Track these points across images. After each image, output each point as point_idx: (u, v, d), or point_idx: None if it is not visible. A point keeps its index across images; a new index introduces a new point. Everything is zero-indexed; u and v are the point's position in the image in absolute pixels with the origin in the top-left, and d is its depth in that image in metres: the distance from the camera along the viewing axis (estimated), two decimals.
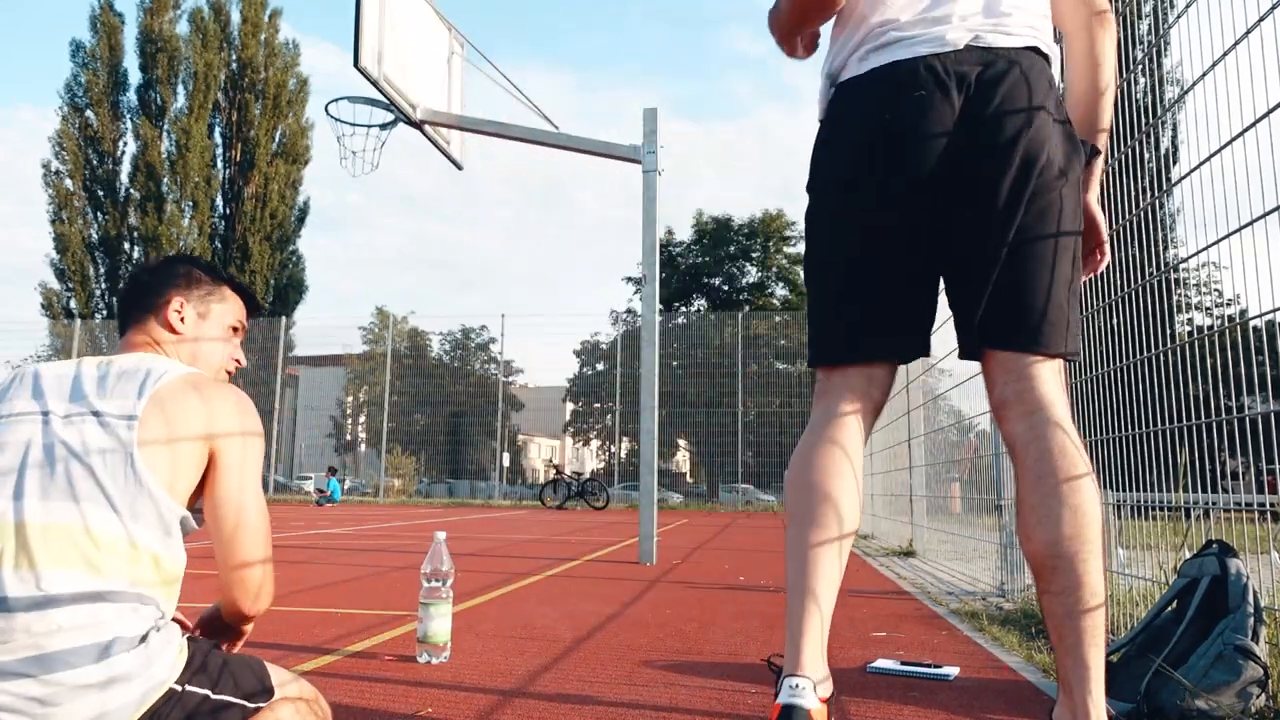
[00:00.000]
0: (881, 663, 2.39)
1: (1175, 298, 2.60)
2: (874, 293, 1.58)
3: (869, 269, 1.58)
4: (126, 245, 30.34)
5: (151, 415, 1.31)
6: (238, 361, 1.60)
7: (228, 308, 1.58)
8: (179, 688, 1.24)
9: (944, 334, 2.23)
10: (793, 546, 1.53)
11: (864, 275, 1.58)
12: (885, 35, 1.56)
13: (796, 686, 1.42)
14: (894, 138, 1.52)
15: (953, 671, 2.28)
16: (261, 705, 1.34)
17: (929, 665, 2.35)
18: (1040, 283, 1.51)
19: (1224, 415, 2.05)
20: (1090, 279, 2.15)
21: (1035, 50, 1.54)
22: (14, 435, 1.27)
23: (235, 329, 1.59)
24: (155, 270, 1.54)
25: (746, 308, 34.08)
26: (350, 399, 37.37)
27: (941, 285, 1.66)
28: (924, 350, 1.64)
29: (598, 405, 33.76)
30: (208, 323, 1.54)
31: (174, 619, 1.35)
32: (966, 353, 1.61)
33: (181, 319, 1.50)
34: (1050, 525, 1.42)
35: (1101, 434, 2.76)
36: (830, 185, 1.62)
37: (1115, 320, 2.62)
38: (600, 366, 33.46)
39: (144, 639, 1.21)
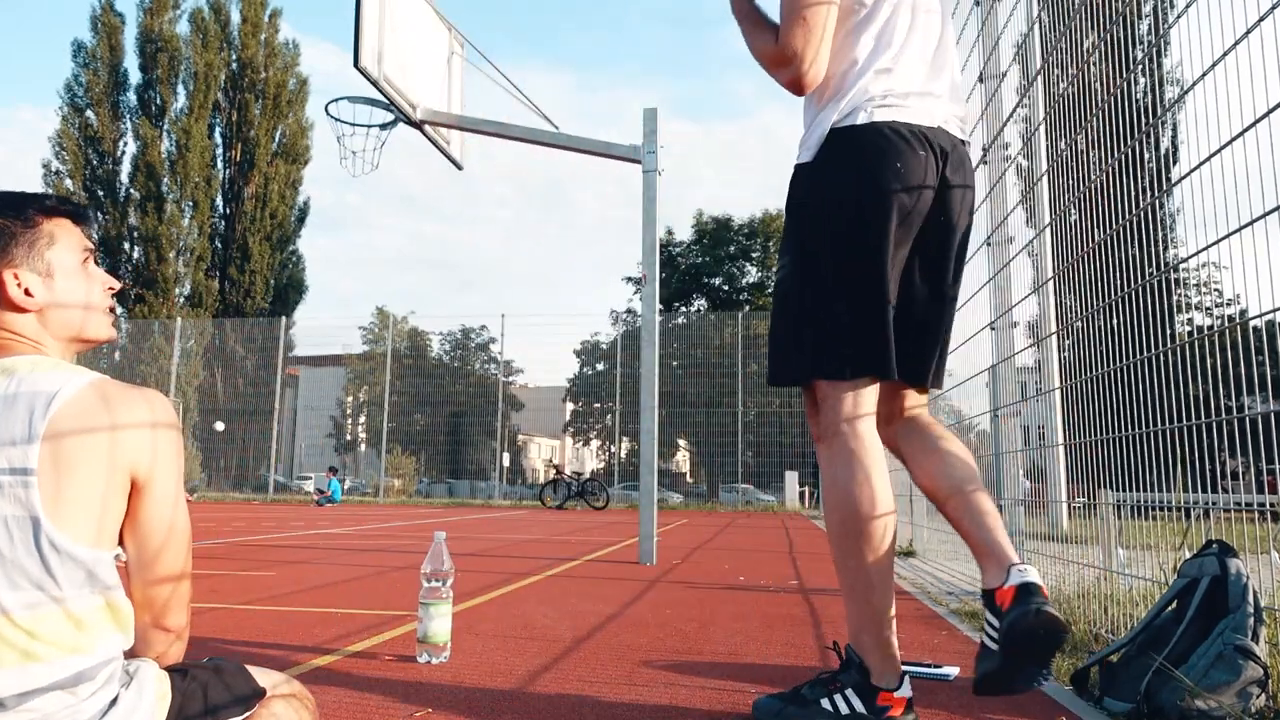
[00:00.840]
0: None
1: (1175, 298, 2.60)
2: (894, 312, 1.78)
3: (892, 291, 1.78)
4: (126, 245, 30.34)
5: (50, 462, 1.05)
6: (110, 288, 1.28)
7: (63, 243, 1.21)
8: None
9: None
10: (874, 566, 1.72)
11: (891, 295, 1.77)
12: (887, 100, 1.77)
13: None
14: (909, 184, 1.75)
15: (953, 671, 2.28)
16: (252, 708, 1.28)
17: (929, 665, 2.35)
18: (948, 334, 1.90)
19: (1224, 415, 2.05)
20: (1090, 279, 2.21)
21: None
22: None
23: (86, 257, 1.24)
24: None
25: (746, 308, 34.09)
26: (350, 399, 37.38)
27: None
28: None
29: (598, 405, 33.78)
30: (57, 275, 1.19)
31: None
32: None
33: (27, 291, 1.16)
34: (960, 467, 1.83)
35: (1101, 434, 2.76)
36: (890, 204, 1.74)
37: (1115, 320, 2.62)
38: (600, 366, 33.48)
39: (114, 703, 1.08)
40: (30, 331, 1.17)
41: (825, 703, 1.71)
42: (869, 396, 1.76)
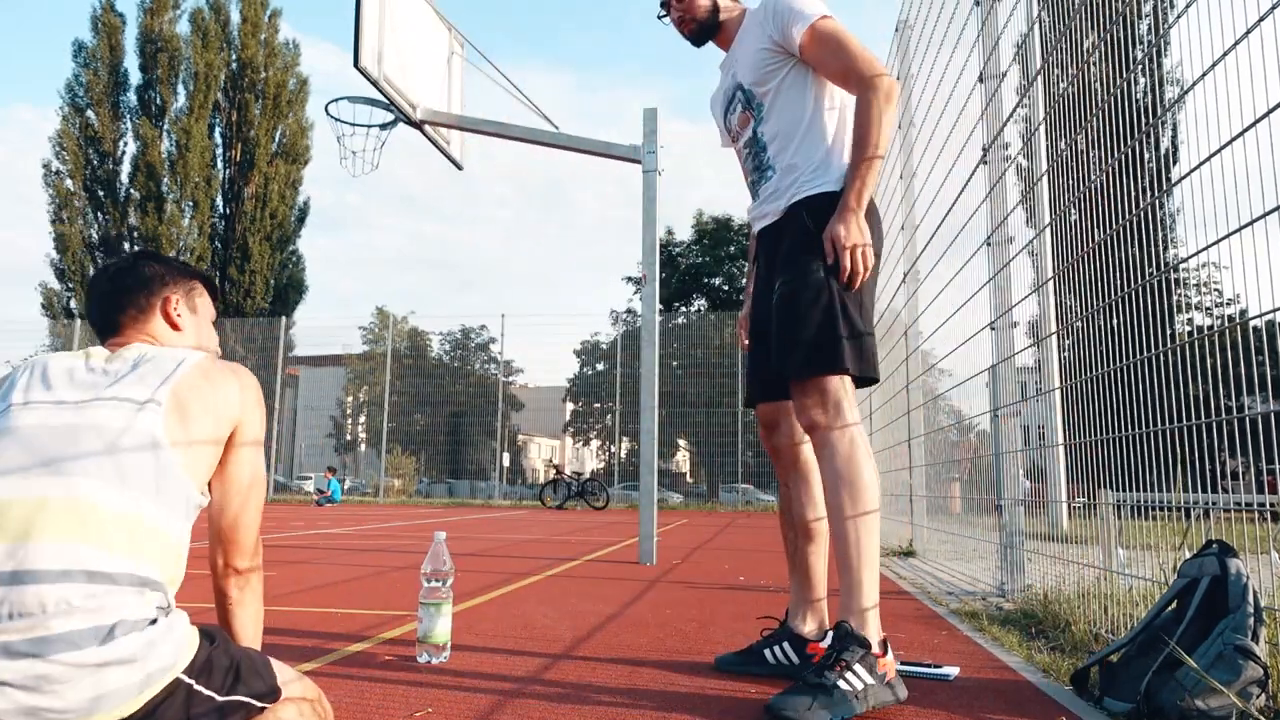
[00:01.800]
0: None
1: (1175, 298, 2.59)
2: None
3: None
4: (127, 245, 30.30)
5: (175, 401, 1.36)
6: (216, 353, 1.66)
7: (206, 301, 1.66)
8: (188, 681, 1.24)
9: (946, 333, 2.24)
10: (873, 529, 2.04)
11: None
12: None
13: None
14: None
15: (953, 671, 2.28)
16: (267, 706, 1.34)
17: (929, 665, 2.35)
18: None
19: (1224, 415, 2.05)
20: (1090, 279, 2.28)
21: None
22: (30, 420, 1.29)
23: (213, 317, 1.69)
24: (136, 270, 1.57)
25: None
26: (350, 399, 37.37)
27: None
28: None
29: (598, 405, 33.76)
30: (198, 316, 1.64)
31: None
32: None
33: (179, 315, 1.58)
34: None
35: (1101, 434, 2.76)
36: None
37: (1115, 320, 2.62)
38: (600, 366, 33.46)
39: (151, 623, 1.22)
40: (165, 344, 1.54)
41: (843, 684, 1.85)
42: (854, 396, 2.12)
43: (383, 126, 6.02)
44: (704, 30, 2.40)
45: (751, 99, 2.29)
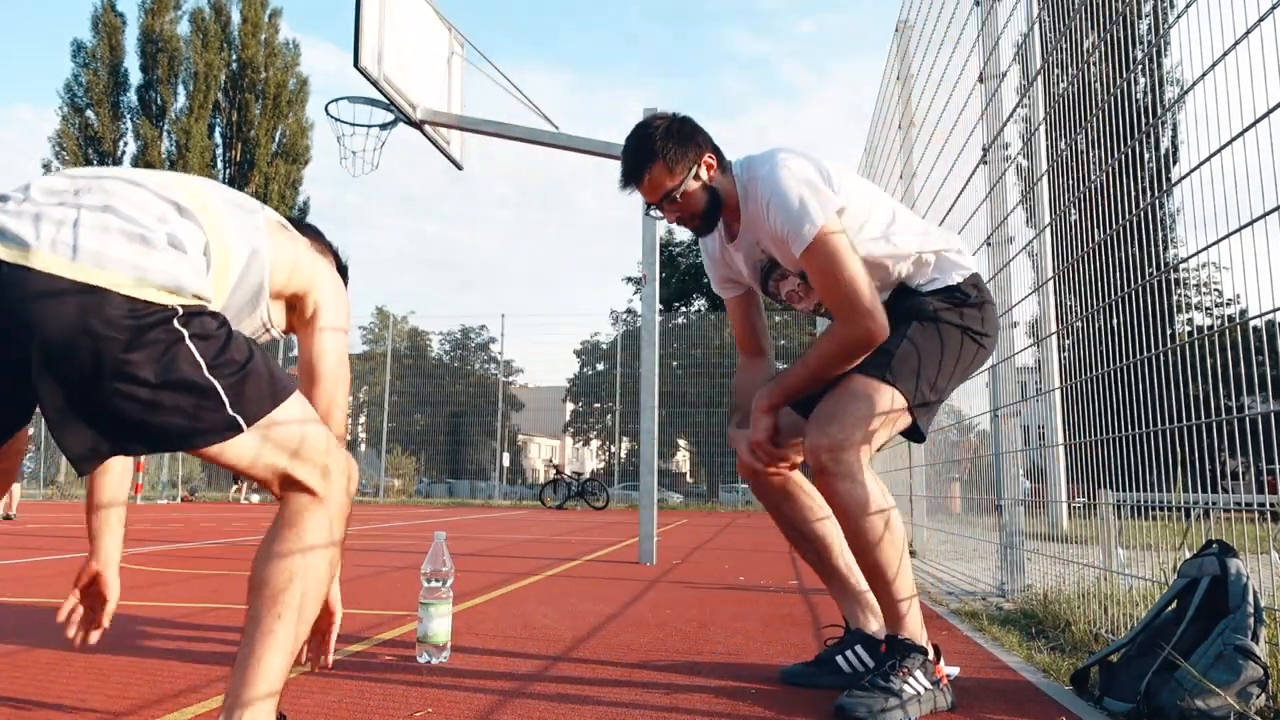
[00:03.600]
0: None
1: (1175, 298, 2.59)
2: None
3: None
4: None
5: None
6: None
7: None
8: (180, 314, 1.29)
9: None
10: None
11: None
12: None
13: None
14: None
15: (953, 671, 2.28)
16: (250, 424, 1.34)
17: None
18: None
19: (1224, 415, 2.05)
20: (1090, 279, 2.26)
21: None
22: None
23: None
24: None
25: None
26: (350, 399, 37.34)
27: None
28: None
29: (598, 405, 33.75)
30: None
31: None
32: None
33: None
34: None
35: (1101, 434, 2.76)
36: None
37: (1115, 320, 2.62)
38: (600, 366, 33.45)
39: (185, 252, 1.33)
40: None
41: (908, 688, 1.88)
42: None
43: (383, 126, 6.02)
44: (707, 218, 2.14)
45: (804, 274, 2.09)
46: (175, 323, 1.28)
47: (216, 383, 1.30)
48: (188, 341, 1.28)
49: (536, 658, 2.42)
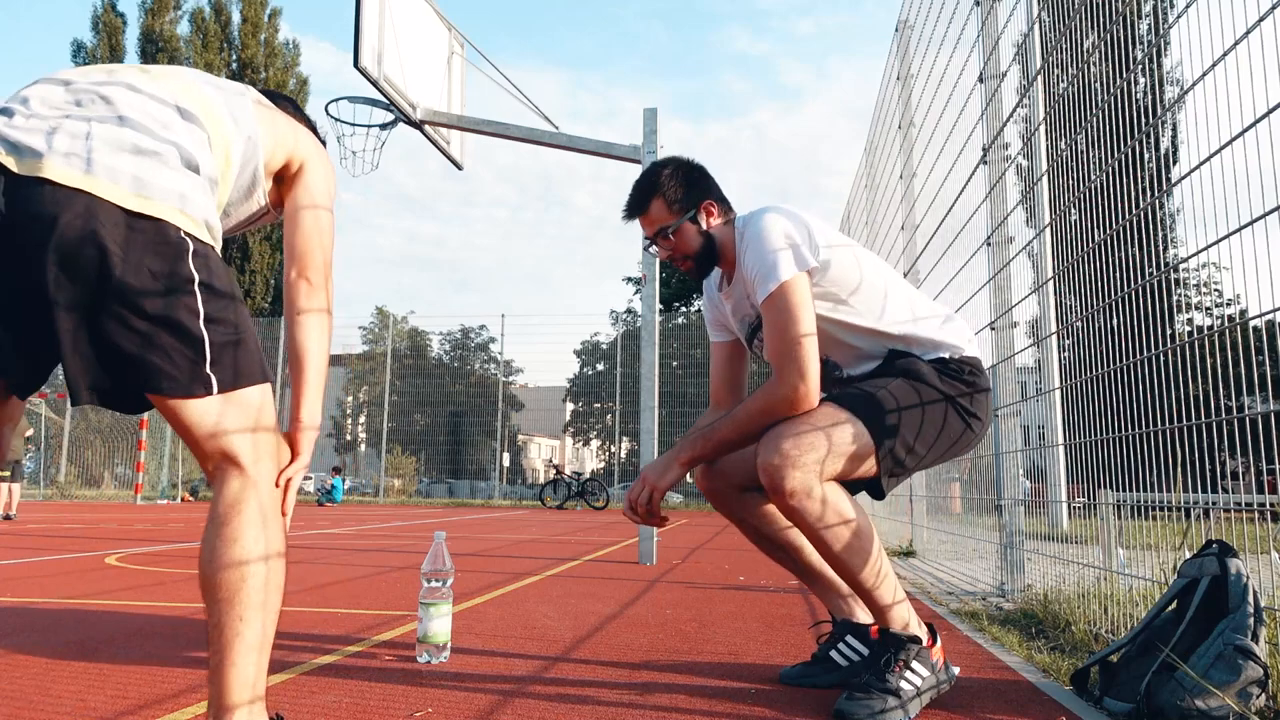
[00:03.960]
0: None
1: (1175, 298, 2.59)
2: None
3: None
4: None
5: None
6: None
7: None
8: (193, 250, 1.31)
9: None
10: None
11: None
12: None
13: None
14: None
15: (953, 671, 2.28)
16: (220, 391, 1.33)
17: None
18: None
19: (1224, 415, 2.05)
20: (1090, 279, 2.25)
21: None
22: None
23: None
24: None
25: None
26: (350, 399, 37.36)
27: None
28: None
29: (598, 405, 33.77)
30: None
31: None
32: None
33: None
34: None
35: (1101, 434, 2.76)
36: None
37: (1115, 320, 2.62)
38: (600, 366, 33.46)
39: (197, 172, 1.38)
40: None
41: (905, 684, 1.88)
42: None
43: (383, 126, 6.02)
44: (703, 262, 2.15)
45: None
46: (190, 261, 1.30)
47: (207, 337, 1.31)
48: (196, 287, 1.30)
49: (536, 658, 2.42)
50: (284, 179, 1.65)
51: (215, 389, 1.32)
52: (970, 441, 2.08)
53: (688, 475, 2.23)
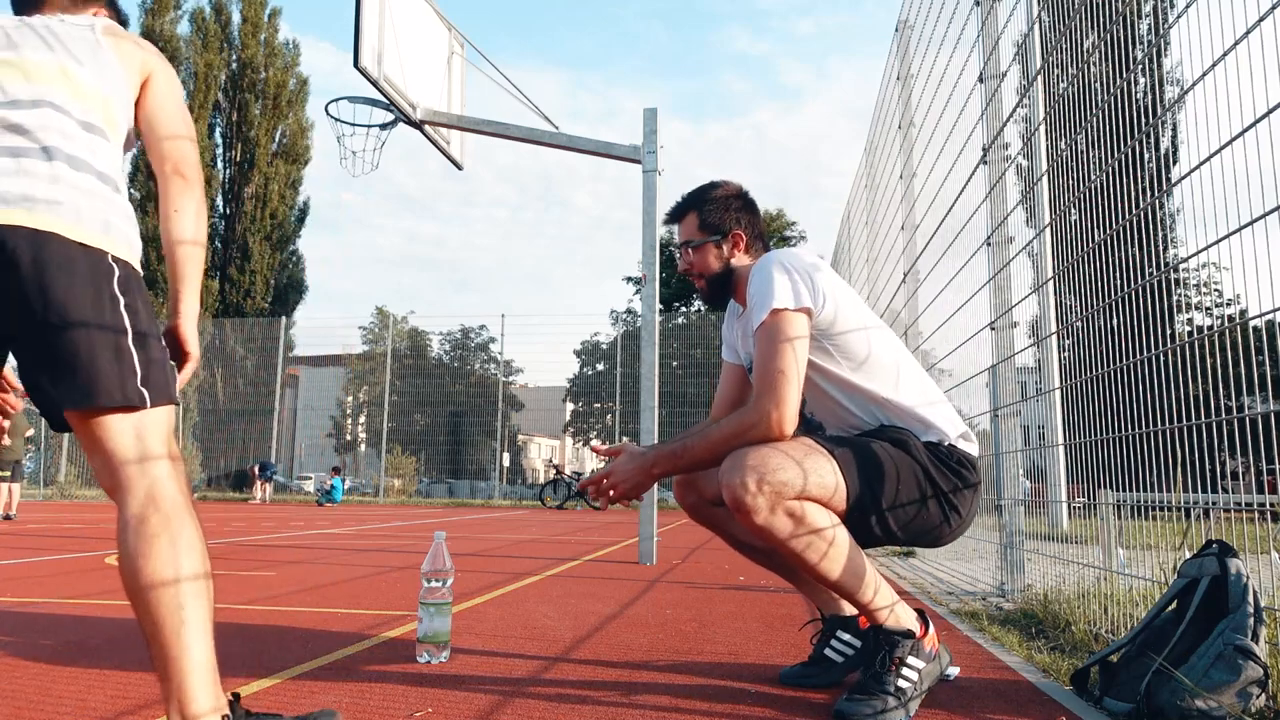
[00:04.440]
0: None
1: (1175, 298, 2.59)
2: None
3: None
4: None
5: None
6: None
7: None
8: (117, 273, 1.41)
9: (946, 333, 2.24)
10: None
11: None
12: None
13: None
14: None
15: (953, 671, 2.28)
16: (151, 405, 1.40)
17: None
18: None
19: (1224, 415, 2.05)
20: (1090, 279, 2.25)
21: None
22: None
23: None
24: None
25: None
26: (350, 399, 37.33)
27: None
28: None
29: (598, 405, 33.74)
30: None
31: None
32: None
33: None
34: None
35: (1101, 434, 2.76)
36: None
37: (1115, 320, 2.62)
38: (600, 366, 33.45)
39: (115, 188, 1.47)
40: None
41: (902, 682, 1.87)
42: None
43: (383, 126, 6.02)
44: (716, 287, 2.21)
45: None
46: (114, 284, 1.39)
47: (135, 355, 1.39)
48: (121, 308, 1.39)
49: (536, 658, 2.42)
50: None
51: (149, 403, 1.41)
52: (944, 535, 2.03)
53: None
